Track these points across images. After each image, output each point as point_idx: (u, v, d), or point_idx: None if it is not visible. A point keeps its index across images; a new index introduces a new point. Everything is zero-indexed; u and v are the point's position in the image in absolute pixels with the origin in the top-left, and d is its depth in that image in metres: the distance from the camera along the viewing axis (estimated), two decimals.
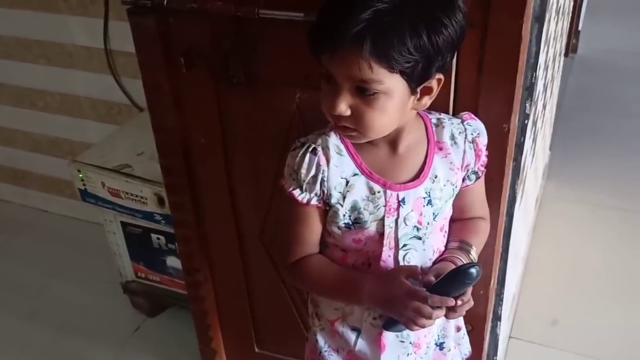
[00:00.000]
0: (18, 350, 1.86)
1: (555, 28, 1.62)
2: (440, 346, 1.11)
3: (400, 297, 0.91)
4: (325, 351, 1.09)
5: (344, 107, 0.86)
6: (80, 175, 1.71)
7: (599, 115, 2.94)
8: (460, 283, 0.89)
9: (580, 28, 3.43)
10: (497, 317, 1.39)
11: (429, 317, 0.89)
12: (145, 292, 1.88)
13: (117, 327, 1.91)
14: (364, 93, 0.85)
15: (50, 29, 1.98)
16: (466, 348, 1.19)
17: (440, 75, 0.89)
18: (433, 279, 0.92)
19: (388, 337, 1.02)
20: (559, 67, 2.20)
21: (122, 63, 1.93)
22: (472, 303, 0.93)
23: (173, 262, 1.76)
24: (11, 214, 2.46)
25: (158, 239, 1.75)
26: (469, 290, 0.92)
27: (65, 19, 1.93)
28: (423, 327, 0.91)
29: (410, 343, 1.04)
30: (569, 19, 2.60)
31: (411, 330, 0.93)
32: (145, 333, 1.89)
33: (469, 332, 1.20)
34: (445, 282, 0.90)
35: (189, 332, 1.62)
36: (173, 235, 1.65)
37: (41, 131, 2.26)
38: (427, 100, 0.91)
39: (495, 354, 1.46)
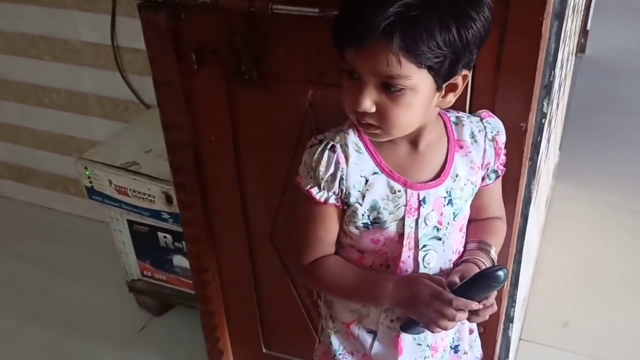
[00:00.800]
0: (22, 349, 1.85)
1: (571, 26, 1.60)
2: (455, 349, 1.09)
3: (424, 298, 0.90)
4: (340, 354, 1.07)
5: (368, 104, 0.84)
6: (87, 173, 1.70)
7: (608, 115, 2.92)
8: (487, 286, 0.87)
9: (588, 27, 3.41)
10: (509, 319, 1.38)
11: (452, 319, 0.88)
12: (151, 291, 1.87)
13: (123, 326, 1.90)
14: (390, 89, 0.83)
15: (57, 25, 1.96)
16: (478, 351, 1.18)
17: (465, 72, 0.87)
18: (457, 280, 0.91)
19: (405, 340, 1.01)
20: (571, 66, 2.18)
21: (130, 59, 1.91)
22: (495, 308, 0.91)
23: (180, 261, 1.75)
24: (16, 211, 2.45)
25: (165, 237, 1.73)
26: (493, 294, 0.90)
27: (72, 15, 1.92)
28: (445, 329, 0.89)
29: (428, 346, 1.02)
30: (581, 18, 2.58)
31: (432, 332, 0.92)
32: (151, 332, 1.88)
33: (480, 334, 1.19)
34: (471, 285, 0.89)
35: (196, 331, 1.61)
36: (180, 233, 1.64)
37: (47, 128, 2.24)
38: (451, 98, 0.89)
39: (507, 356, 1.44)
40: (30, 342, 1.87)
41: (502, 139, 0.98)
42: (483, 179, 1.00)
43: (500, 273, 0.85)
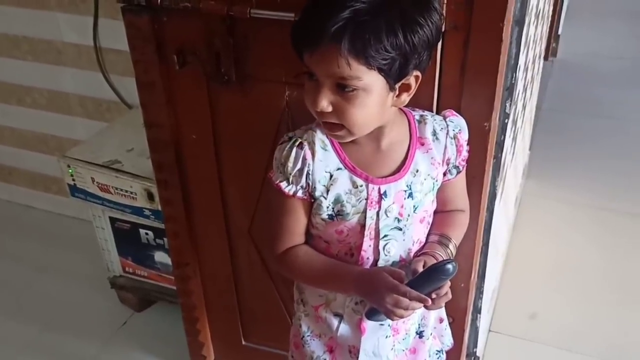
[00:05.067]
0: (4, 345, 1.86)
1: (535, 31, 1.67)
2: (420, 334, 1.16)
3: (381, 290, 0.96)
4: (308, 336, 1.14)
5: (325, 104, 0.90)
6: (70, 171, 1.72)
7: (577, 116, 3.00)
8: (437, 278, 0.94)
9: (559, 32, 3.49)
10: (477, 310, 1.43)
11: (407, 309, 0.94)
12: (132, 287, 1.89)
13: (104, 322, 1.92)
14: (344, 90, 0.89)
15: (40, 26, 1.98)
16: (448, 340, 1.23)
17: (417, 73, 0.92)
18: (420, 268, 0.98)
19: (368, 321, 1.07)
20: (538, 70, 2.25)
21: (111, 60, 1.94)
22: (449, 296, 0.98)
23: (161, 257, 1.78)
24: None
25: (146, 234, 1.76)
26: (447, 284, 0.97)
27: (55, 16, 1.94)
28: (401, 317, 0.96)
29: (389, 326, 1.09)
30: (549, 23, 2.66)
31: (391, 319, 0.99)
32: (132, 328, 1.90)
33: (450, 324, 1.24)
34: (424, 277, 0.96)
35: (176, 326, 1.64)
36: (161, 230, 1.67)
37: (29, 127, 2.26)
38: (405, 97, 0.95)
39: (475, 345, 1.50)
40: (12, 338, 1.88)
41: (464, 136, 1.04)
42: (445, 174, 1.06)
43: (449, 266, 0.92)
